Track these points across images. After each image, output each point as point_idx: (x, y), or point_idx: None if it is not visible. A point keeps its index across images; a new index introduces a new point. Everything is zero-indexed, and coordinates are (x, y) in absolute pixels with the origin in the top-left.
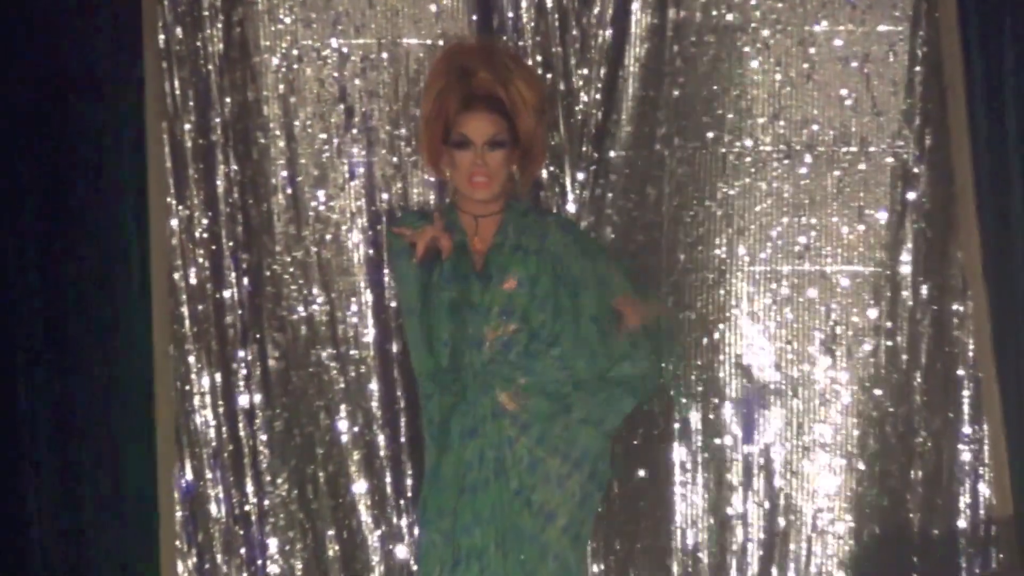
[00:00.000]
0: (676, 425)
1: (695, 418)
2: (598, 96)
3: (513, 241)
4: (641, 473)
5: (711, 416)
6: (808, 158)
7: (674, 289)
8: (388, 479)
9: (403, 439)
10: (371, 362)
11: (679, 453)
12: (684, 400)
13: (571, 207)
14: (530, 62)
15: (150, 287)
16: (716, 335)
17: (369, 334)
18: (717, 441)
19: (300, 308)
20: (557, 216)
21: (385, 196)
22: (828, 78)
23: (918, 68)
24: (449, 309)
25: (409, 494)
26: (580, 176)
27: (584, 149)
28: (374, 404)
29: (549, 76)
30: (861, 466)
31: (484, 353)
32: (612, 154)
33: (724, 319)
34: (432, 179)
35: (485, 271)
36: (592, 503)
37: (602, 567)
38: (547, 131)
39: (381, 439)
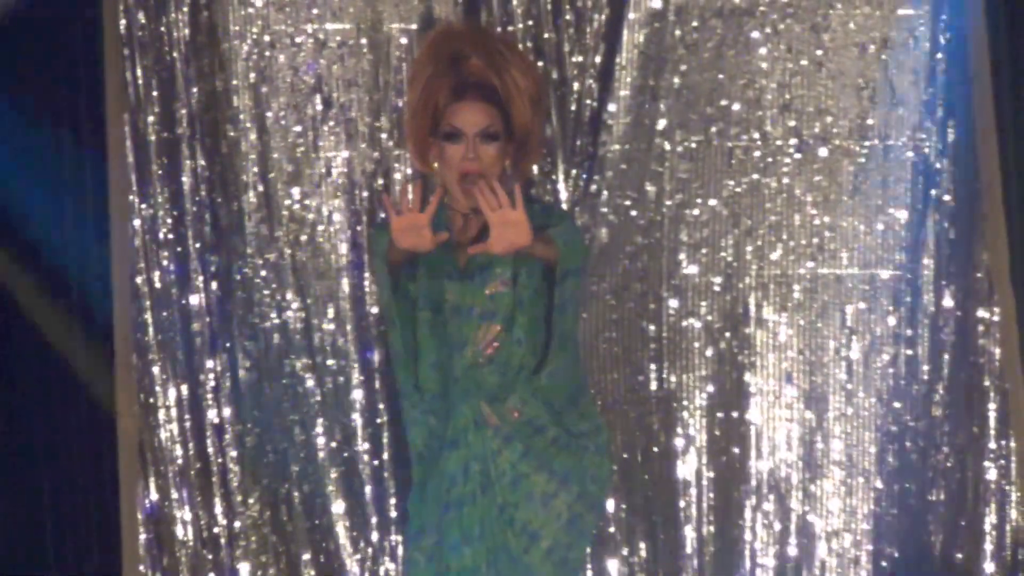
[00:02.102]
0: (679, 440)
1: (700, 434)
2: (593, 85)
3: None
4: (642, 492)
5: (717, 432)
6: (822, 152)
7: (676, 295)
8: (368, 498)
9: (385, 455)
10: (350, 372)
11: (683, 471)
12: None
13: (563, 205)
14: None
15: (111, 292)
16: (722, 344)
17: (348, 342)
18: (723, 459)
19: (273, 315)
20: (548, 206)
21: (365, 194)
22: (843, 66)
23: (940, 55)
24: (430, 328)
25: (392, 514)
26: (573, 172)
27: (578, 143)
28: (354, 417)
29: (541, 64)
30: (879, 484)
31: (466, 357)
32: (608, 148)
33: (730, 327)
34: (417, 175)
35: (467, 270)
36: (582, 526)
37: None
38: (544, 123)
39: (361, 455)
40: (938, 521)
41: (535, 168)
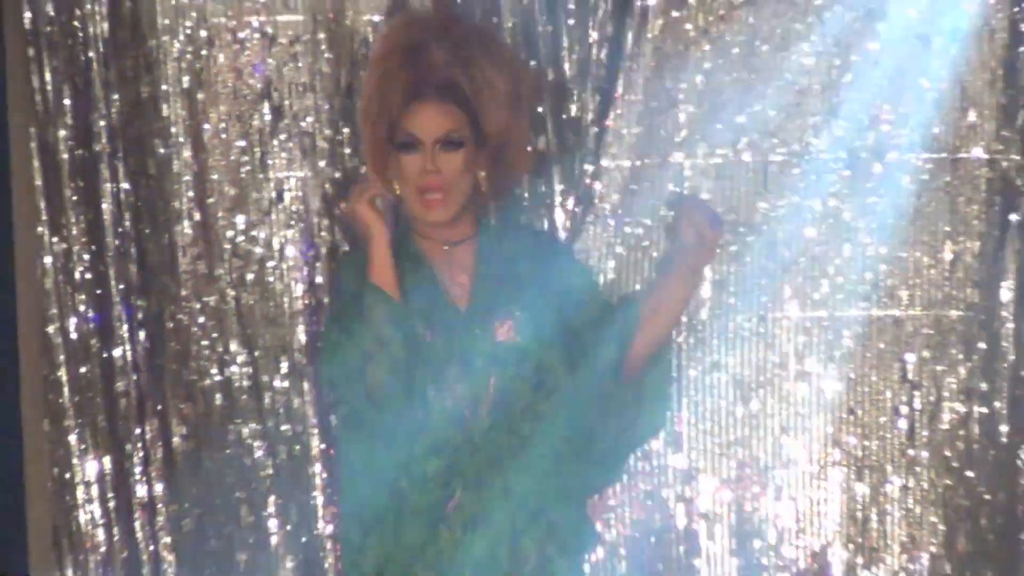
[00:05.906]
0: (700, 521)
1: (726, 513)
2: (597, 87)
3: (500, 269)
4: None
5: (748, 509)
6: (876, 168)
7: (698, 343)
8: None
9: None
10: (308, 439)
11: (704, 553)
12: None
13: (561, 234)
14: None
15: (16, 345)
16: (754, 403)
17: (305, 403)
18: (755, 543)
19: (214, 370)
20: (541, 239)
21: (325, 222)
22: (902, 62)
23: (1022, 48)
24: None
25: None
26: (573, 195)
27: (578, 158)
28: (314, 494)
29: (533, 63)
30: (948, 570)
31: (482, 420)
32: (615, 164)
33: (765, 382)
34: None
35: (471, 311)
36: None
37: None
38: (526, 126)
39: (324, 541)
40: None
41: (523, 183)
